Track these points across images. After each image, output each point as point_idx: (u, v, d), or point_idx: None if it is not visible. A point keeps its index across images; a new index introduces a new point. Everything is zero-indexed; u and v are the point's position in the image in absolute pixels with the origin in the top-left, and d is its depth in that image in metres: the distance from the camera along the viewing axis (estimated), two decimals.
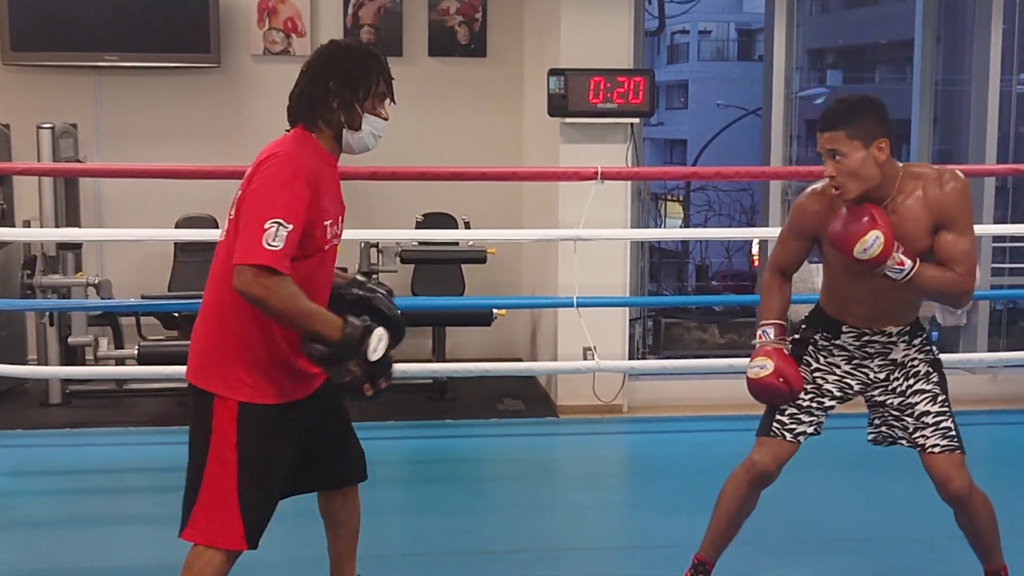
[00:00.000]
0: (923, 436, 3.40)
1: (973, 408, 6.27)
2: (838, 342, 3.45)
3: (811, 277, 6.52)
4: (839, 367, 3.47)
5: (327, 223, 2.98)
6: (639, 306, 6.55)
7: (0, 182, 6.22)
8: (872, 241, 3.11)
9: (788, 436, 3.46)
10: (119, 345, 6.23)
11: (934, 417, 3.40)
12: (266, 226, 2.81)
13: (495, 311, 6.32)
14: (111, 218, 6.90)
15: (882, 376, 3.46)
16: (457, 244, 6.59)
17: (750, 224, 17.48)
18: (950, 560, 4.09)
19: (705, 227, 16.01)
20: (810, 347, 3.49)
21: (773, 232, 6.46)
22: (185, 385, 3.08)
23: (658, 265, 18.59)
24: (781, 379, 3.36)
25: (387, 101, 3.08)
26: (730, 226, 18.92)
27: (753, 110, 22.09)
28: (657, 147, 30.42)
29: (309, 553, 4.08)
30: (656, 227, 7.22)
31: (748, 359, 3.47)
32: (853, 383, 3.48)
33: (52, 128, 6.14)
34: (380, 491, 5.06)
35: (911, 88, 7.21)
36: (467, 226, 6.79)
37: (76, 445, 5.44)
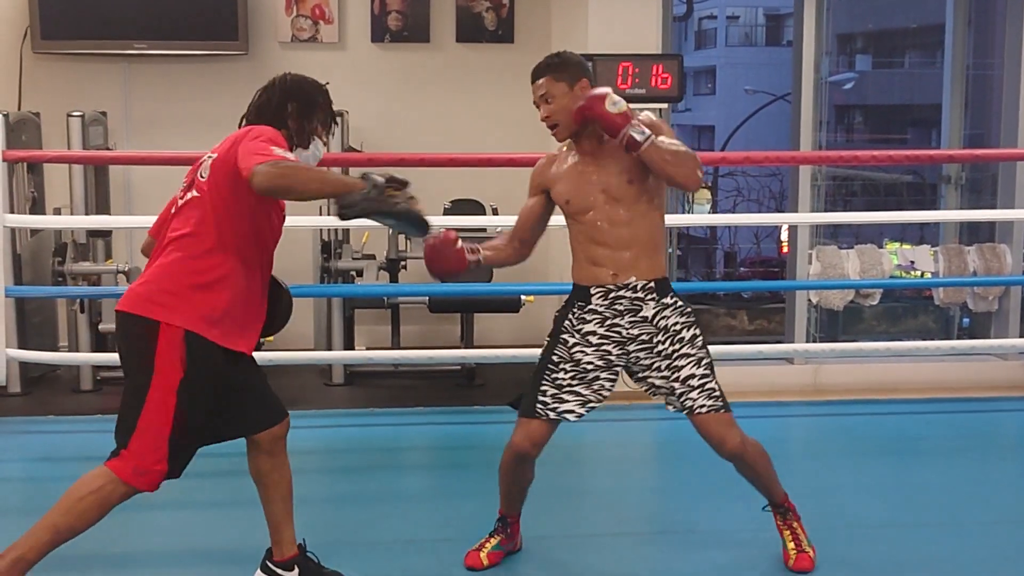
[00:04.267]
0: (690, 399, 3.63)
1: (1006, 395, 6.24)
2: (590, 306, 3.69)
3: (841, 263, 6.50)
4: (595, 334, 3.67)
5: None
6: None
7: (31, 170, 6.26)
8: (619, 99, 3.50)
9: (551, 415, 3.71)
10: None
11: (699, 380, 3.63)
12: (274, 151, 3.09)
13: (523, 297, 6.32)
14: (140, 205, 6.93)
15: (636, 333, 3.66)
16: (485, 230, 6.57)
17: (779, 210, 17.40)
18: (981, 547, 4.07)
19: (734, 213, 15.95)
20: (565, 322, 3.73)
21: (803, 218, 6.45)
22: None
23: (686, 251, 18.56)
24: (436, 240, 3.72)
25: (330, 131, 3.48)
26: (759, 212, 18.89)
27: (782, 95, 21.98)
28: (685, 133, 30.31)
29: (338, 538, 4.10)
30: (684, 213, 7.20)
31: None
32: (611, 347, 3.67)
33: (82, 116, 6.17)
34: (409, 477, 5.09)
35: (942, 72, 7.16)
36: (495, 212, 6.79)
37: (107, 431, 5.42)
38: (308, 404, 6.03)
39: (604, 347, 3.68)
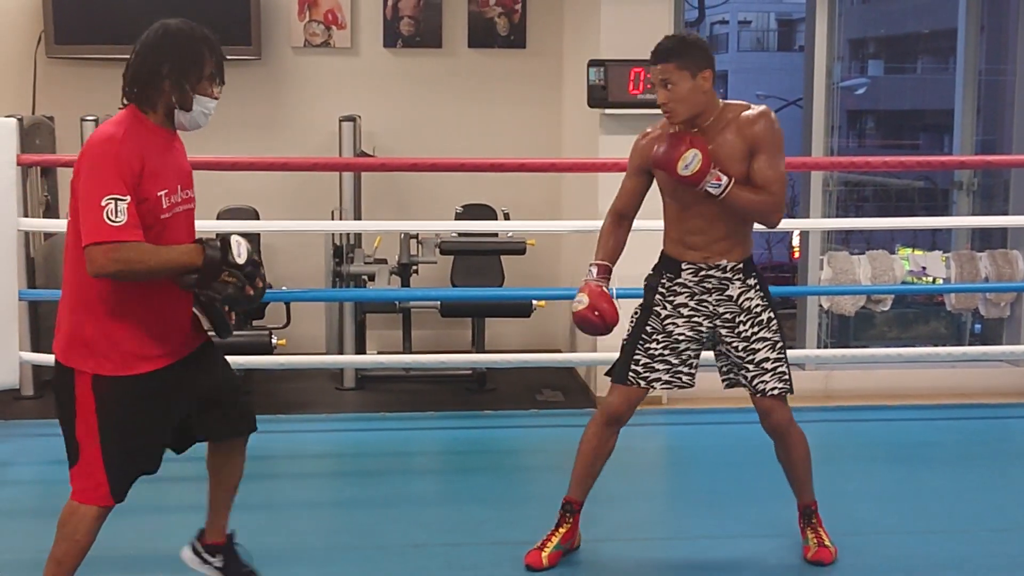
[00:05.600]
0: (762, 381, 3.76)
1: (1017, 401, 6.22)
2: (680, 280, 3.80)
3: (852, 269, 6.49)
4: (685, 307, 3.80)
5: (161, 193, 3.14)
6: None
7: (44, 174, 6.28)
8: (692, 158, 3.54)
9: (642, 384, 3.85)
10: None
11: (772, 363, 3.77)
12: (103, 203, 3.01)
13: (534, 302, 6.33)
14: None
15: (722, 311, 3.79)
16: (496, 235, 6.59)
17: (790, 215, 17.37)
18: (991, 553, 4.07)
19: None
20: (657, 295, 3.84)
21: (814, 223, 6.44)
22: None
23: None
24: (596, 312, 3.74)
25: (217, 81, 3.29)
26: None
27: (793, 100, 21.95)
28: None
29: (348, 542, 4.12)
30: None
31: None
32: (701, 320, 3.80)
33: (95, 120, 6.19)
34: (419, 481, 5.09)
35: (954, 78, 7.14)
36: (506, 217, 6.80)
37: None
38: (319, 408, 6.04)
39: (695, 319, 3.80)
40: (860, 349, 6.91)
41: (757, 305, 3.77)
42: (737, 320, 3.77)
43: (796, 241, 11.98)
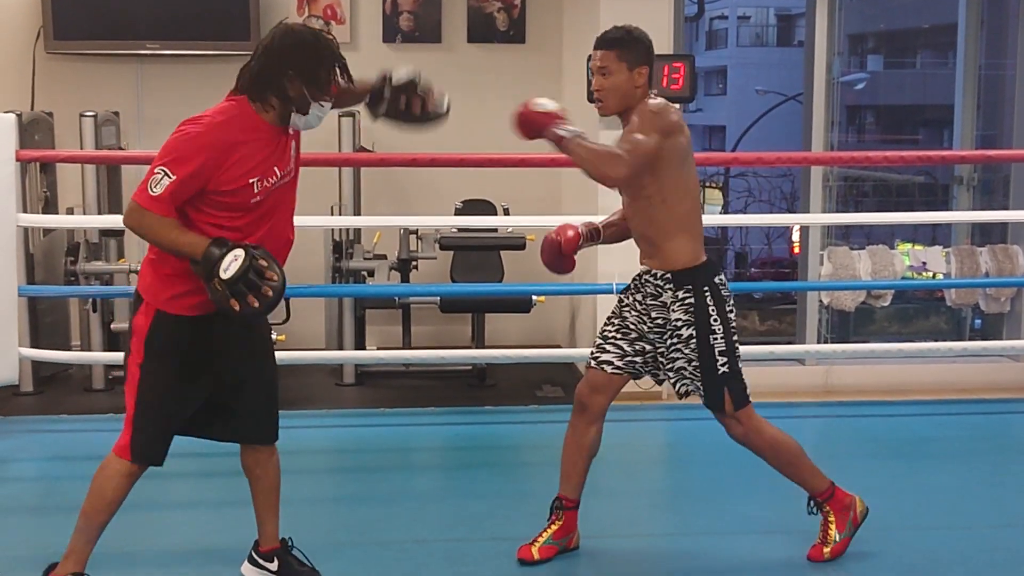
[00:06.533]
0: (684, 384, 3.75)
1: (1017, 396, 6.22)
2: (636, 280, 3.86)
3: (852, 264, 6.49)
4: (641, 303, 3.81)
5: (253, 180, 3.23)
6: None
7: (44, 170, 6.28)
8: (549, 103, 3.59)
9: (593, 363, 3.85)
10: None
11: (691, 372, 3.71)
12: (156, 171, 3.17)
13: (534, 297, 6.32)
14: None
15: (655, 315, 3.77)
16: (496, 230, 6.59)
17: (790, 210, 17.38)
18: (992, 549, 4.06)
19: (745, 213, 15.92)
20: (630, 285, 3.88)
21: (814, 218, 6.44)
22: None
23: None
24: (556, 234, 3.87)
25: (333, 84, 3.35)
26: (770, 212, 18.85)
27: (793, 96, 21.92)
28: (696, 133, 30.13)
29: (349, 538, 4.11)
30: None
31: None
32: (645, 320, 3.79)
33: (94, 116, 6.19)
34: (419, 477, 5.09)
35: (954, 73, 7.14)
36: (506, 212, 6.79)
37: (119, 430, 5.46)
38: (319, 404, 6.04)
39: (643, 318, 3.79)
40: (860, 344, 6.90)
41: (679, 319, 3.70)
42: (666, 327, 3.73)
43: (796, 236, 11.98)
